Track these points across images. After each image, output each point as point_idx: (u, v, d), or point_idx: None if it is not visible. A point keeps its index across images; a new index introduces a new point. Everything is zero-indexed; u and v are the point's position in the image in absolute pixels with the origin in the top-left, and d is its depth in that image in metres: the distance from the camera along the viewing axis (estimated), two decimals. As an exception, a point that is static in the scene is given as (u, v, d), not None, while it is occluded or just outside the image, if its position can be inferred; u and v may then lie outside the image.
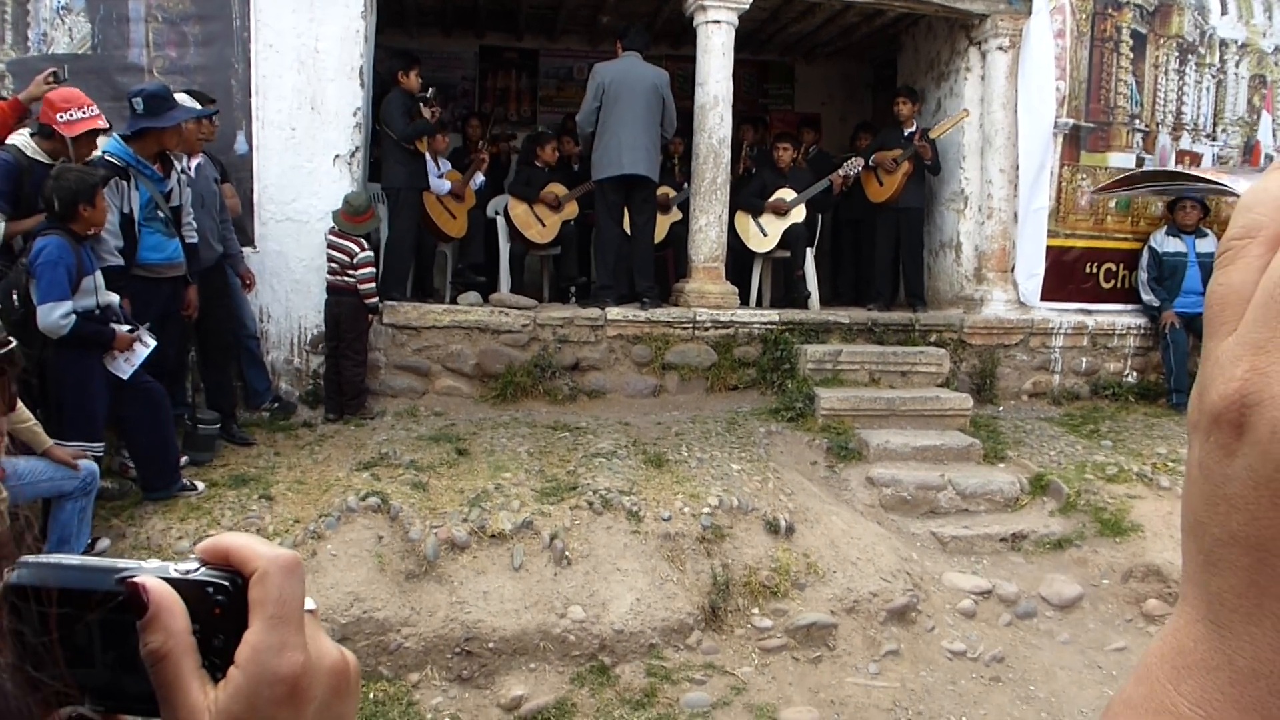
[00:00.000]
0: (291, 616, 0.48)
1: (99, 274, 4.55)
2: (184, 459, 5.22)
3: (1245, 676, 0.36)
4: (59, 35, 6.13)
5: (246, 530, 4.52)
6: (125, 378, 4.62)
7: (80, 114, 4.75)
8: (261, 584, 0.48)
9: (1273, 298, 0.36)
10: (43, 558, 0.48)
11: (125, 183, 4.90)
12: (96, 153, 4.90)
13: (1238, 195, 6.01)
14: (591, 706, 3.93)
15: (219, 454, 5.50)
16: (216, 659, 0.47)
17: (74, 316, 4.30)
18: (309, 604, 0.50)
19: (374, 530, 4.52)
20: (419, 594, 4.28)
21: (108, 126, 4.89)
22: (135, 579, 0.47)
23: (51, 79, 5.02)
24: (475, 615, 4.19)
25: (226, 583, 0.48)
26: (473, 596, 4.28)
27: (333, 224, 6.14)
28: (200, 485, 4.99)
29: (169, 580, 0.47)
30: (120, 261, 4.85)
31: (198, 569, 0.49)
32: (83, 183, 4.43)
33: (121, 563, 0.48)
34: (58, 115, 4.72)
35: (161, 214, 5.06)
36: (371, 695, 3.93)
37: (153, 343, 4.75)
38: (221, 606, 0.48)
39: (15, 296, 4.36)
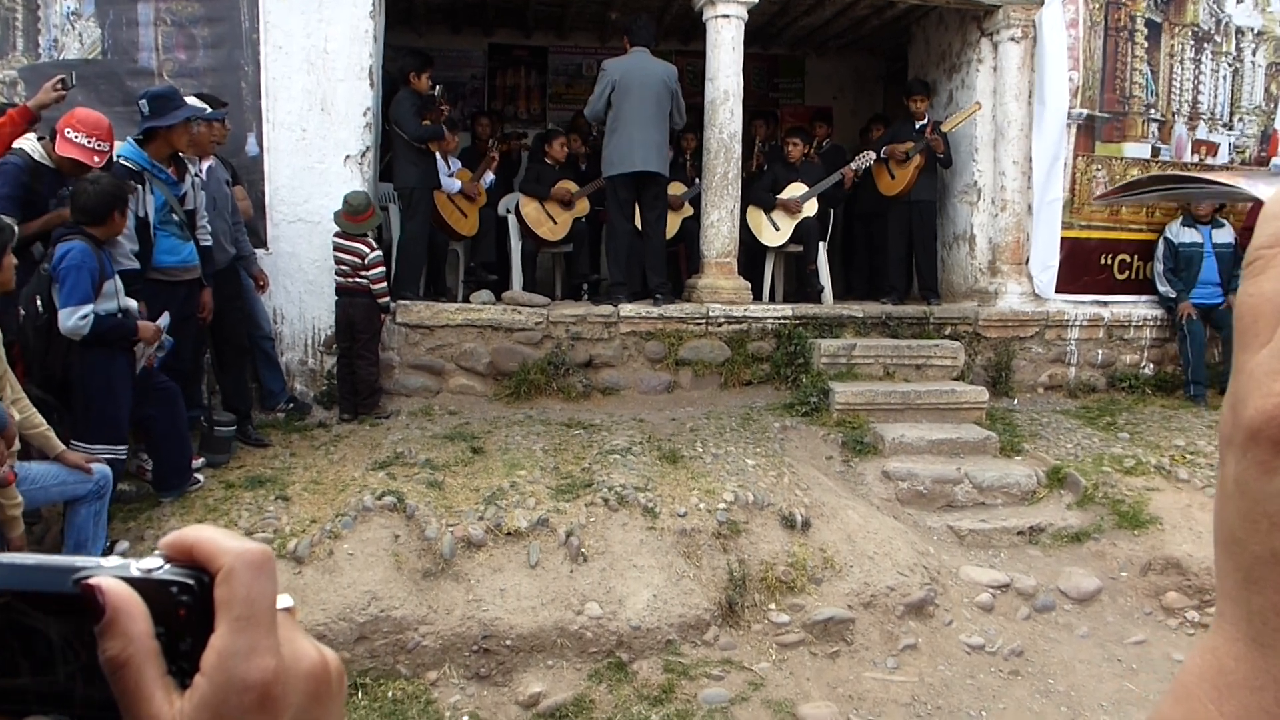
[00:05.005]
0: (261, 617, 0.44)
1: (118, 278, 4.59)
2: (200, 460, 5.25)
3: None
4: (70, 41, 6.16)
5: (263, 531, 4.53)
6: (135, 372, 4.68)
7: (83, 140, 4.69)
8: (227, 583, 0.44)
9: None
10: None
11: (140, 187, 4.92)
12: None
13: (1254, 198, 5.88)
14: (609, 703, 3.93)
15: (235, 455, 5.52)
16: (184, 664, 0.43)
17: (92, 316, 4.33)
18: (285, 601, 0.46)
19: (390, 529, 4.53)
20: (436, 592, 4.29)
21: (96, 166, 4.79)
22: (91, 580, 0.42)
23: (60, 86, 5.02)
24: (492, 613, 4.19)
25: (191, 582, 0.44)
26: (490, 594, 4.28)
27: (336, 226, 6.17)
28: (200, 478, 5.07)
29: (129, 580, 0.43)
30: (136, 265, 4.87)
31: (161, 567, 0.44)
32: (119, 189, 4.49)
33: (80, 561, 0.44)
34: (66, 129, 4.71)
35: (176, 217, 5.08)
36: (390, 694, 3.94)
37: (168, 341, 4.82)
38: (186, 607, 0.44)
39: (39, 302, 4.39)
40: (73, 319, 4.30)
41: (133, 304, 4.67)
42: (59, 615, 0.43)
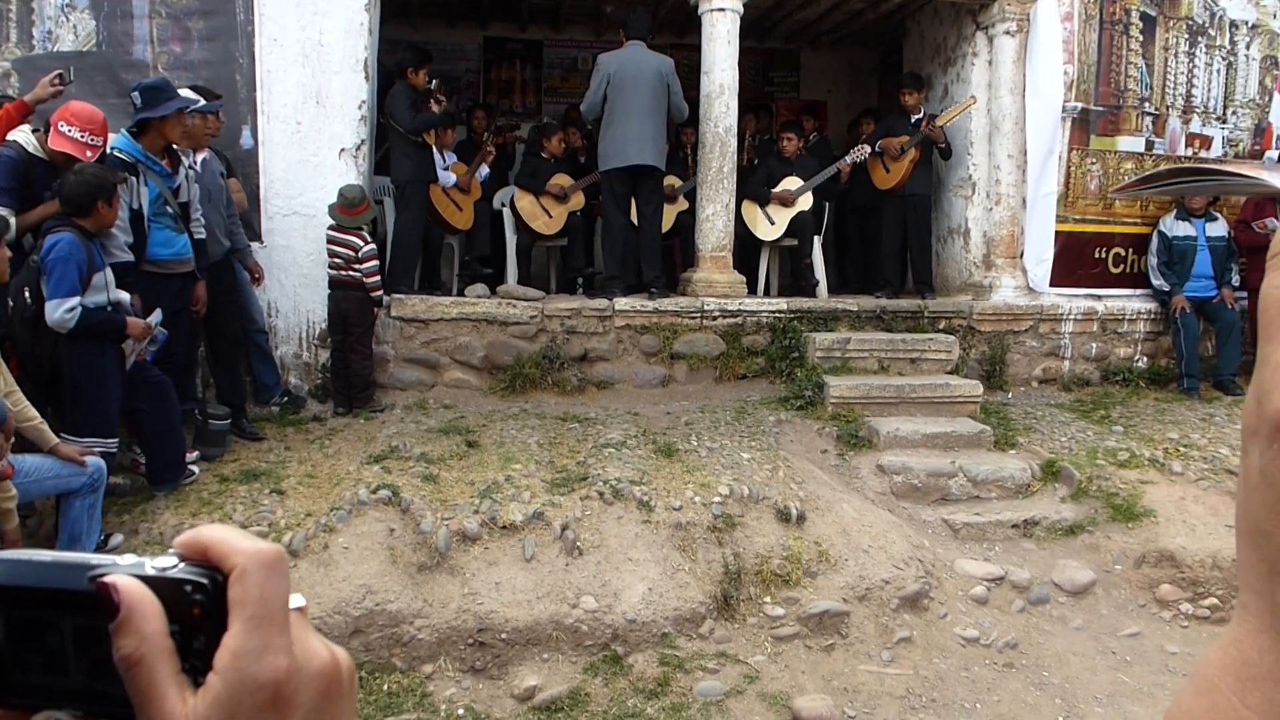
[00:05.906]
0: (274, 616, 0.45)
1: (109, 270, 4.57)
2: (194, 454, 5.24)
3: None
4: (64, 33, 6.13)
5: (258, 524, 4.53)
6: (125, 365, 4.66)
7: (76, 134, 4.67)
8: (240, 582, 0.44)
9: None
10: (13, 553, 0.45)
11: (134, 179, 4.90)
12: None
13: (1277, 190, 5.84)
14: (605, 696, 3.94)
15: (229, 449, 5.51)
16: (198, 662, 0.44)
17: (80, 309, 4.31)
18: (297, 601, 0.47)
19: (385, 523, 4.53)
20: (431, 586, 4.29)
21: (89, 160, 4.77)
22: (106, 578, 0.43)
23: (57, 81, 4.99)
24: (488, 606, 4.19)
25: (205, 580, 0.44)
26: (485, 588, 4.28)
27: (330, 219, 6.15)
28: (196, 470, 5.06)
29: (144, 578, 0.44)
30: (130, 257, 4.85)
31: (176, 565, 0.45)
32: (104, 180, 4.45)
33: (96, 558, 0.45)
34: (60, 122, 4.69)
35: (170, 209, 5.06)
36: (385, 687, 3.94)
37: (161, 334, 4.80)
38: (200, 606, 0.44)
39: (27, 294, 4.37)
40: (59, 311, 4.27)
41: (124, 297, 4.65)
42: (74, 612, 0.44)
